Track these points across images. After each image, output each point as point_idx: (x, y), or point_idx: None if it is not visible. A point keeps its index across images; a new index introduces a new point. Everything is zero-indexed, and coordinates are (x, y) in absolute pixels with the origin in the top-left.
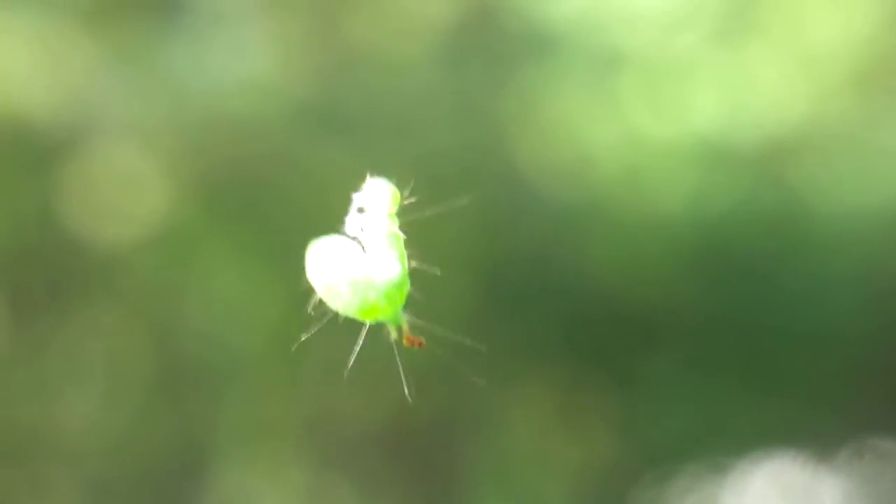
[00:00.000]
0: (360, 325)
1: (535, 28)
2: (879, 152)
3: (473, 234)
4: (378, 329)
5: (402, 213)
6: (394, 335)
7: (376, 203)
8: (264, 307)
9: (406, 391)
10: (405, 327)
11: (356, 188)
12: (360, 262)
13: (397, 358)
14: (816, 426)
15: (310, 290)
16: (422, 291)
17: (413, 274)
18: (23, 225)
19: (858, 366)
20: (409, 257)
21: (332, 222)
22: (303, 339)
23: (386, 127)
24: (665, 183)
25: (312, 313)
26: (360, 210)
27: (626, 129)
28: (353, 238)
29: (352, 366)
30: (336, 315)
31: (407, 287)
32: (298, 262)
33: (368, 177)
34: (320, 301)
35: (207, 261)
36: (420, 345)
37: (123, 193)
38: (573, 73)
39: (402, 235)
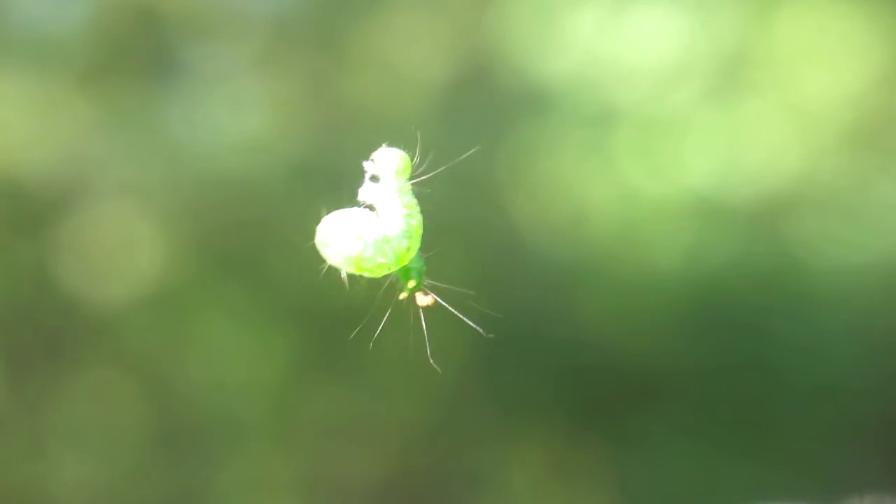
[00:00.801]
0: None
1: (529, 85)
2: (872, 208)
3: (469, 290)
4: (373, 383)
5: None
6: (405, 294)
7: (385, 168)
8: (260, 366)
9: (428, 352)
10: (415, 286)
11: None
12: (369, 221)
13: (421, 318)
14: (810, 485)
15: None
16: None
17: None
18: (19, 285)
19: (853, 422)
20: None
21: (328, 280)
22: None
23: None
24: (660, 239)
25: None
26: (372, 178)
27: (621, 185)
28: (366, 205)
29: (348, 425)
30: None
31: (416, 245)
32: (294, 321)
33: (381, 147)
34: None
35: (203, 321)
36: (430, 304)
37: (119, 253)
38: (568, 130)
39: (414, 199)
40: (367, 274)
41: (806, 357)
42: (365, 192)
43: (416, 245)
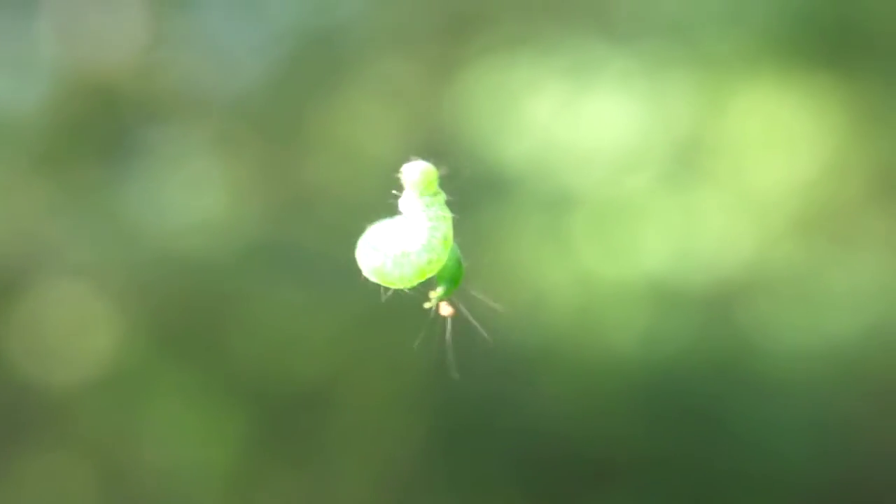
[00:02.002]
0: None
1: (486, 171)
2: (825, 295)
3: (425, 375)
4: (329, 467)
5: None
6: (430, 304)
7: (408, 182)
8: (214, 450)
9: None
10: (439, 295)
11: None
12: (396, 234)
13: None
14: None
15: None
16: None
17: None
18: None
19: None
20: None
21: (285, 361)
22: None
23: (338, 264)
24: (617, 323)
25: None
26: (403, 191)
27: (578, 269)
28: (403, 217)
29: None
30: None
31: (442, 257)
32: (249, 403)
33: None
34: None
35: (158, 403)
36: (451, 314)
37: (73, 335)
38: (525, 215)
39: (443, 211)
40: (396, 286)
41: (761, 445)
42: (401, 205)
43: (443, 257)
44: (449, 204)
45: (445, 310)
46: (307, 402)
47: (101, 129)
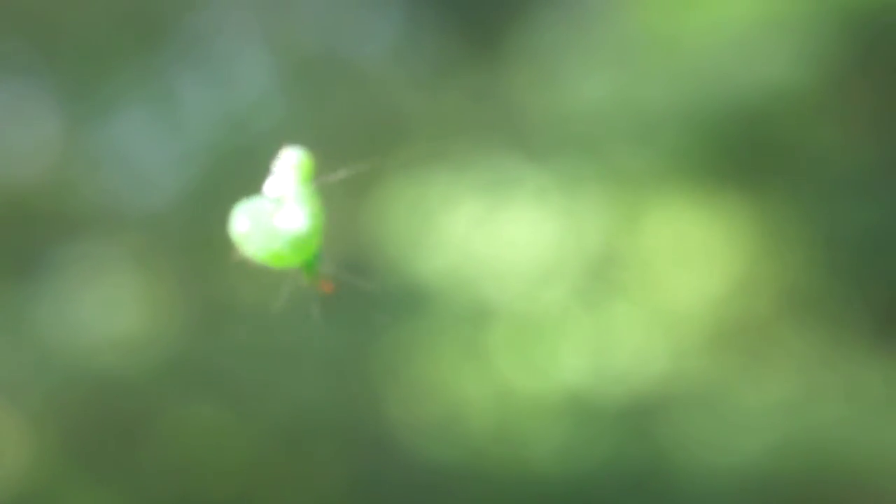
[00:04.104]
0: None
1: (405, 284)
2: (737, 411)
3: (341, 491)
4: None
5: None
6: (306, 282)
7: (286, 168)
8: None
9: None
10: (315, 275)
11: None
12: (273, 215)
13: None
14: None
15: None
16: None
17: None
18: None
19: None
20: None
21: (199, 480)
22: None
23: (255, 382)
24: (534, 437)
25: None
26: (276, 176)
27: (495, 383)
28: (273, 200)
29: None
30: None
31: (316, 240)
32: None
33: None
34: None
35: None
36: (329, 289)
37: None
38: (443, 328)
39: (316, 196)
40: (276, 265)
41: None
42: (269, 188)
43: (318, 236)
44: (366, 318)
45: (327, 286)
46: None
47: (14, 245)
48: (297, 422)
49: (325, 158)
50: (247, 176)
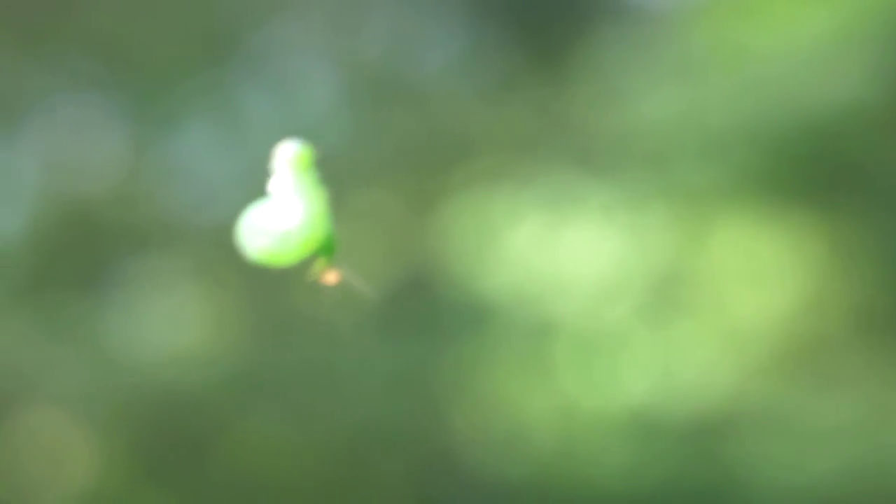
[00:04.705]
0: None
1: (469, 300)
2: (806, 430)
3: None
4: None
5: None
6: (313, 277)
7: (285, 162)
8: None
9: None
10: (322, 269)
11: None
12: (272, 213)
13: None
14: None
15: None
16: None
17: None
18: None
19: None
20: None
21: (265, 491)
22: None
23: (320, 395)
24: (598, 455)
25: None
26: (277, 171)
27: (559, 400)
28: (276, 197)
29: None
30: None
31: (318, 235)
32: None
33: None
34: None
35: None
36: (334, 282)
37: (52, 464)
38: (507, 344)
39: (318, 190)
40: (281, 263)
41: None
42: (272, 186)
43: (322, 232)
44: (430, 334)
45: (331, 278)
46: None
47: (82, 258)
48: (362, 437)
49: (390, 173)
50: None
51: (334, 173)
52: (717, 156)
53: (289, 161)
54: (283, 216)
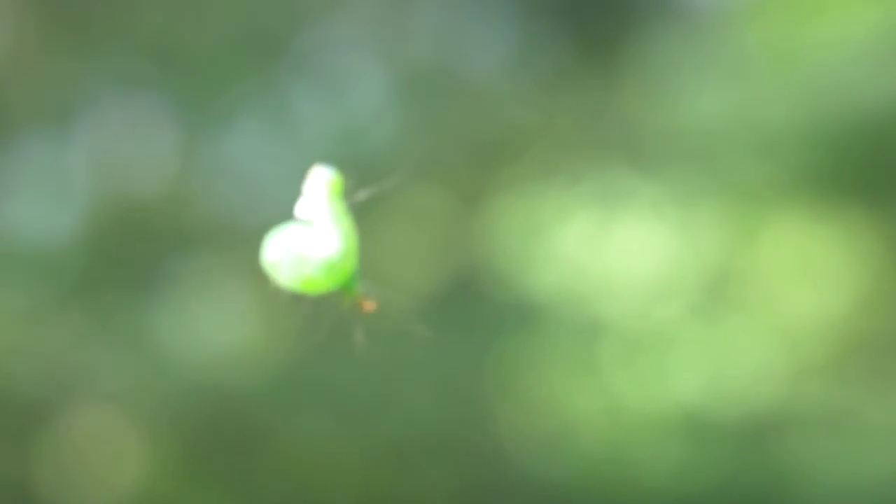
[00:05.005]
0: None
1: (517, 299)
2: (861, 431)
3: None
4: None
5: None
6: (346, 304)
7: (317, 188)
8: None
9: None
10: (357, 296)
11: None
12: (303, 240)
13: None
14: None
15: None
16: None
17: None
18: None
19: None
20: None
21: (314, 491)
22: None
23: (368, 396)
24: (647, 456)
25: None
26: (307, 197)
27: (607, 399)
28: (304, 223)
29: None
30: None
31: (351, 263)
32: None
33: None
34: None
35: None
36: (372, 308)
37: (103, 463)
38: (556, 344)
39: (349, 217)
40: (311, 292)
41: None
42: (300, 211)
43: (352, 263)
44: (477, 333)
45: (368, 306)
46: None
47: (133, 258)
48: (409, 437)
49: (439, 171)
50: (360, 188)
51: (384, 171)
52: (769, 153)
53: (322, 186)
54: (319, 243)
